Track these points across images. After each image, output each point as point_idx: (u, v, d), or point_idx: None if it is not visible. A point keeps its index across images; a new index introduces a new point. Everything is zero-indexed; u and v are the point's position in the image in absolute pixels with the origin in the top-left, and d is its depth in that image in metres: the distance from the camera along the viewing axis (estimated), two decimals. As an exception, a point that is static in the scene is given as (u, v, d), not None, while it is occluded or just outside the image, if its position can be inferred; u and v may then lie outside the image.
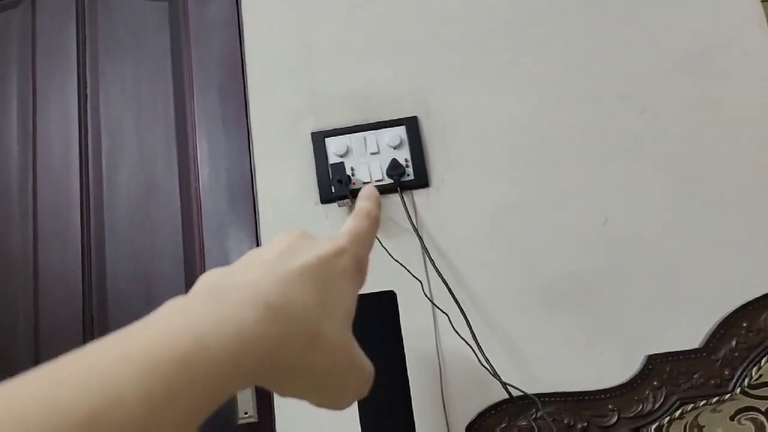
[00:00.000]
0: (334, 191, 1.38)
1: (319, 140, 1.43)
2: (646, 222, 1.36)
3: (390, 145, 1.41)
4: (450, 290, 1.29)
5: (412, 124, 1.43)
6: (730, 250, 1.33)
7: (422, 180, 1.40)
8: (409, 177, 1.40)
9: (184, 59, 1.57)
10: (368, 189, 0.43)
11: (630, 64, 1.44)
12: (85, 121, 1.56)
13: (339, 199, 1.38)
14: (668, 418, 1.24)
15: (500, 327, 1.32)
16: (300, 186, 1.42)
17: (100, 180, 1.52)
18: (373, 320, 1.10)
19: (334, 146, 1.42)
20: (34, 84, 1.59)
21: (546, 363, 1.31)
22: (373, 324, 1.09)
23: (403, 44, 1.49)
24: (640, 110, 1.41)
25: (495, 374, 1.23)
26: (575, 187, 1.39)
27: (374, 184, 1.37)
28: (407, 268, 1.32)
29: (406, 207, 1.36)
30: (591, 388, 1.28)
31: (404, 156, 1.41)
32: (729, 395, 1.24)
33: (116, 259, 1.47)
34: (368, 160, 1.41)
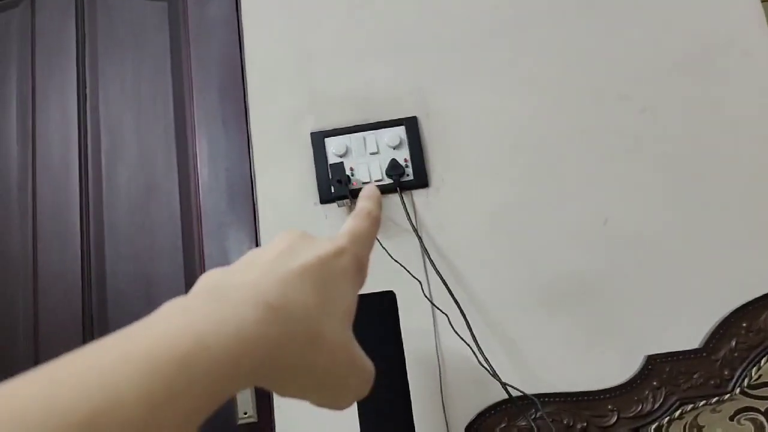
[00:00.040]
0: (334, 191, 1.38)
1: (319, 140, 1.43)
2: (646, 222, 1.36)
3: (389, 146, 1.41)
4: (449, 290, 1.29)
5: (412, 124, 1.43)
6: (730, 250, 1.33)
7: (422, 180, 1.40)
8: (409, 177, 1.40)
9: (184, 59, 1.57)
10: (369, 188, 0.43)
11: (630, 64, 1.44)
12: (85, 121, 1.56)
13: (338, 200, 1.38)
14: (668, 419, 1.24)
15: (500, 327, 1.32)
16: (299, 186, 1.42)
17: (100, 180, 1.52)
18: (373, 320, 1.10)
19: (334, 146, 1.41)
20: (34, 83, 1.59)
21: (546, 363, 1.31)
22: (373, 324, 1.09)
23: (403, 44, 1.49)
24: (640, 110, 1.41)
25: (494, 374, 1.23)
26: (575, 187, 1.39)
27: (374, 184, 1.37)
28: (407, 269, 1.32)
29: (406, 207, 1.36)
30: (591, 389, 1.28)
31: (404, 156, 1.41)
32: (729, 395, 1.24)
33: (116, 259, 1.47)
34: (368, 161, 1.41)
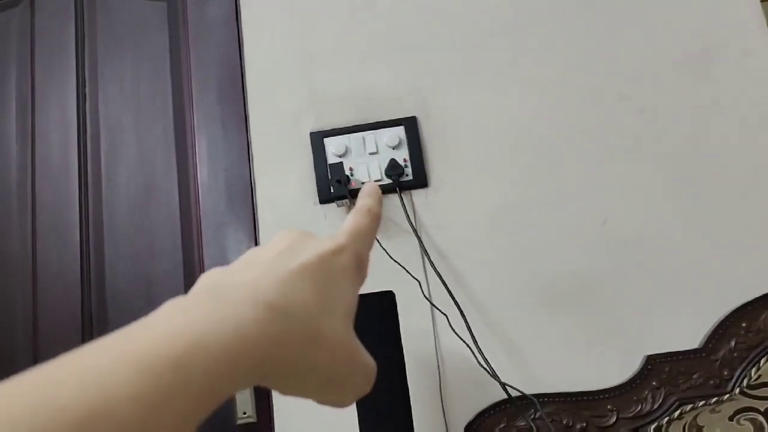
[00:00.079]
0: (333, 191, 1.38)
1: (318, 140, 1.43)
2: (646, 222, 1.36)
3: (389, 146, 1.41)
4: (449, 290, 1.29)
5: (411, 125, 1.42)
6: (730, 251, 1.33)
7: (421, 180, 1.40)
8: (408, 177, 1.40)
9: (183, 59, 1.57)
10: (370, 186, 0.43)
11: (630, 64, 1.44)
12: (84, 121, 1.56)
13: (338, 200, 1.38)
14: (667, 419, 1.24)
15: (499, 327, 1.32)
16: (299, 186, 1.42)
17: (99, 180, 1.52)
18: (372, 321, 1.10)
19: (333, 146, 1.41)
20: (33, 83, 1.59)
21: (545, 363, 1.31)
22: (372, 324, 1.09)
23: (402, 44, 1.49)
24: (640, 110, 1.41)
25: (494, 375, 1.23)
26: (575, 187, 1.38)
27: (375, 182, 1.37)
28: (406, 269, 1.32)
29: (405, 207, 1.36)
30: (590, 389, 1.28)
31: (403, 156, 1.41)
32: (728, 395, 1.24)
33: (115, 259, 1.47)
34: (367, 161, 1.41)
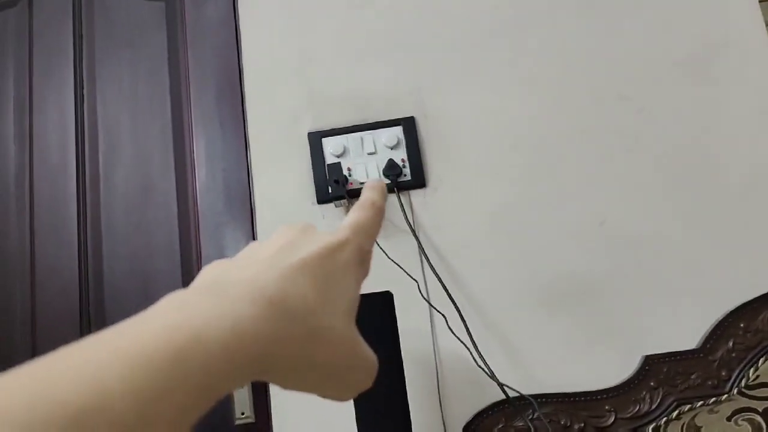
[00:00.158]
0: (331, 191, 1.38)
1: (316, 140, 1.43)
2: (645, 222, 1.36)
3: (387, 146, 1.41)
4: (447, 291, 1.29)
5: (409, 125, 1.42)
6: (728, 251, 1.33)
7: (419, 180, 1.40)
8: (406, 177, 1.40)
9: (181, 59, 1.56)
10: (374, 180, 0.43)
11: (629, 65, 1.44)
12: (82, 121, 1.56)
13: (336, 200, 1.38)
14: (665, 419, 1.24)
15: (497, 327, 1.32)
16: (297, 186, 1.42)
17: (97, 180, 1.52)
18: (370, 321, 1.09)
19: (331, 146, 1.41)
20: (31, 83, 1.59)
21: (543, 363, 1.31)
22: (370, 324, 1.08)
23: (401, 44, 1.49)
24: (640, 110, 1.41)
25: (492, 375, 1.23)
26: (574, 188, 1.38)
27: (379, 178, 1.37)
28: (404, 269, 1.32)
29: (403, 207, 1.36)
30: (588, 389, 1.28)
31: (401, 156, 1.41)
32: (726, 396, 1.24)
33: (113, 258, 1.47)
34: (365, 161, 1.40)
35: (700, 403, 1.24)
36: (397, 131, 1.42)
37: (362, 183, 1.39)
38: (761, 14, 1.43)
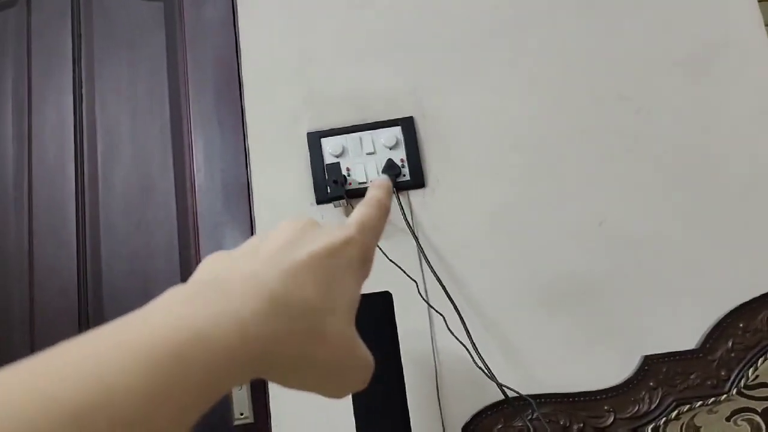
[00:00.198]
0: (330, 192, 1.38)
1: (315, 140, 1.43)
2: (644, 222, 1.36)
3: (386, 146, 1.41)
4: (446, 291, 1.29)
5: (408, 125, 1.42)
6: (728, 251, 1.33)
7: (418, 180, 1.40)
8: (405, 177, 1.39)
9: (180, 59, 1.56)
10: (380, 179, 0.43)
11: (629, 65, 1.44)
12: (81, 121, 1.56)
13: (335, 200, 1.38)
14: (664, 419, 1.24)
15: (496, 328, 1.32)
16: (296, 186, 1.42)
17: (96, 180, 1.52)
18: (369, 321, 1.09)
19: (330, 146, 1.41)
20: (30, 83, 1.59)
21: (542, 363, 1.31)
22: (369, 325, 1.08)
23: (400, 44, 1.48)
24: (639, 110, 1.41)
25: (491, 375, 1.22)
26: (573, 188, 1.38)
27: (371, 184, 1.37)
28: (403, 269, 1.31)
29: (402, 207, 1.36)
30: (587, 389, 1.27)
31: (400, 156, 1.40)
32: (725, 396, 1.23)
33: (112, 259, 1.46)
34: (364, 161, 1.40)
35: (700, 403, 1.24)
36: (396, 131, 1.42)
37: (361, 183, 1.39)
38: (761, 14, 1.43)
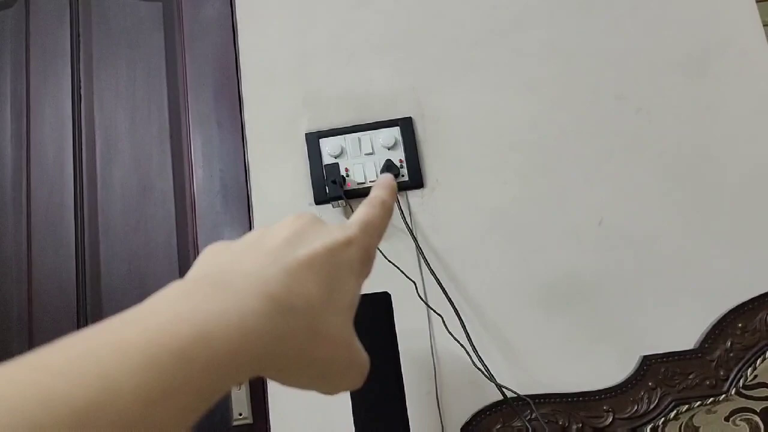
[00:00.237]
0: (329, 192, 1.38)
1: (314, 141, 1.42)
2: (643, 222, 1.36)
3: (384, 146, 1.41)
4: (444, 291, 1.29)
5: (407, 125, 1.42)
6: (726, 251, 1.33)
7: (417, 181, 1.40)
8: (404, 178, 1.39)
9: (179, 59, 1.56)
10: (384, 178, 0.42)
11: (627, 64, 1.44)
12: (79, 122, 1.55)
13: (333, 200, 1.37)
14: (663, 419, 1.24)
15: (495, 328, 1.32)
16: (294, 187, 1.42)
17: (94, 180, 1.51)
18: (368, 321, 1.09)
19: (329, 147, 1.41)
20: (28, 84, 1.58)
21: (541, 364, 1.31)
22: (368, 325, 1.09)
23: (398, 44, 1.48)
24: (637, 110, 1.41)
25: (489, 376, 1.22)
26: (572, 188, 1.38)
27: (369, 185, 1.37)
28: (401, 270, 1.31)
29: (401, 208, 1.36)
30: (586, 389, 1.27)
31: (399, 157, 1.40)
32: (724, 396, 1.23)
33: (111, 259, 1.46)
34: (363, 161, 1.40)
35: (698, 403, 1.24)
36: (395, 131, 1.42)
37: (360, 183, 1.39)
38: (758, 14, 1.43)
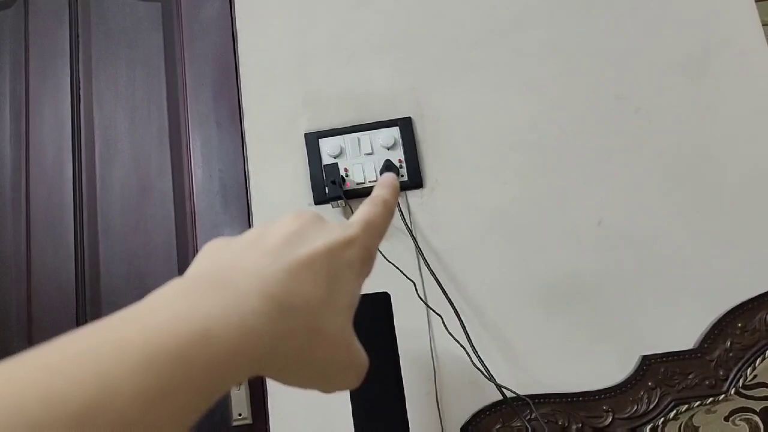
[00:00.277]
0: (328, 192, 1.38)
1: (313, 141, 1.42)
2: (643, 222, 1.36)
3: (384, 146, 1.41)
4: (444, 291, 1.29)
5: (406, 125, 1.42)
6: (726, 251, 1.33)
7: (416, 181, 1.40)
8: (403, 178, 1.39)
9: (178, 59, 1.56)
10: (387, 177, 0.42)
11: (626, 64, 1.44)
12: (79, 122, 1.55)
13: (333, 200, 1.37)
14: (663, 419, 1.24)
15: (495, 328, 1.32)
16: (294, 187, 1.42)
17: (94, 180, 1.51)
18: (368, 321, 1.09)
19: (328, 147, 1.41)
20: (27, 84, 1.58)
21: (541, 363, 1.31)
22: (368, 325, 1.09)
23: (397, 44, 1.48)
24: (637, 110, 1.41)
25: (489, 376, 1.22)
26: (572, 187, 1.38)
27: (368, 185, 1.37)
28: (401, 270, 1.31)
29: (400, 208, 1.36)
30: (586, 389, 1.27)
31: (398, 157, 1.40)
32: (723, 396, 1.23)
33: (110, 259, 1.46)
34: (362, 161, 1.40)
35: (698, 403, 1.24)
36: (394, 132, 1.42)
37: (359, 184, 1.39)
38: (757, 14, 1.43)
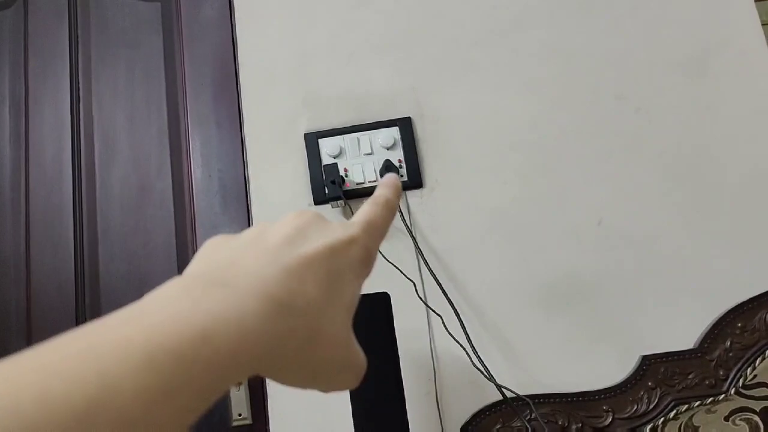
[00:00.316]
0: (328, 192, 1.38)
1: (313, 141, 1.42)
2: (643, 222, 1.36)
3: (383, 146, 1.41)
4: (444, 291, 1.29)
5: (406, 125, 1.42)
6: (726, 251, 1.33)
7: (416, 181, 1.40)
8: (403, 178, 1.39)
9: (177, 60, 1.56)
10: (390, 177, 0.42)
11: (626, 64, 1.44)
12: (78, 122, 1.55)
13: (332, 200, 1.37)
14: (663, 419, 1.24)
15: (495, 328, 1.32)
16: (293, 187, 1.42)
17: (93, 181, 1.51)
18: (367, 322, 1.09)
19: (328, 147, 1.41)
20: (27, 84, 1.58)
21: (541, 363, 1.31)
22: (367, 325, 1.09)
23: (397, 44, 1.48)
24: (637, 110, 1.41)
25: (489, 376, 1.22)
26: (572, 187, 1.38)
27: (368, 185, 1.37)
28: (401, 270, 1.31)
29: (400, 208, 1.36)
30: (586, 389, 1.27)
31: (398, 157, 1.40)
32: (723, 395, 1.23)
33: (109, 259, 1.46)
34: (362, 161, 1.40)
35: (698, 403, 1.24)
36: (394, 132, 1.42)
37: (359, 184, 1.39)
38: (756, 14, 1.43)
